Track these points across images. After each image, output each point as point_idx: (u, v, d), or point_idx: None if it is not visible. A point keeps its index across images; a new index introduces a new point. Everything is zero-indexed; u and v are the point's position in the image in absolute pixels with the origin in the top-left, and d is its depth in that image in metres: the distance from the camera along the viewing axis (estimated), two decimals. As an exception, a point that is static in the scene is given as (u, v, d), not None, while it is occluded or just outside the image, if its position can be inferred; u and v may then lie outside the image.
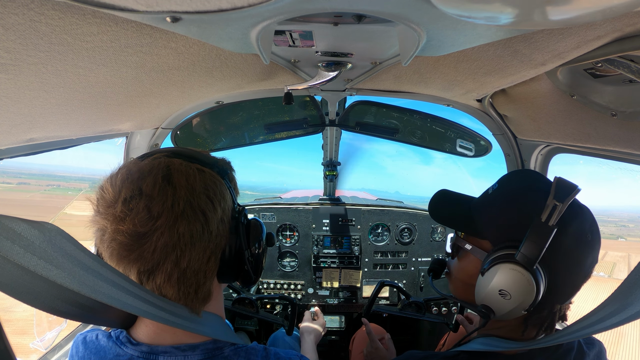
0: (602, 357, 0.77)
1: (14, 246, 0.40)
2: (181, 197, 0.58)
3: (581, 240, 0.68)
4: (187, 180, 0.59)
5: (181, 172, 0.60)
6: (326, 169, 2.17)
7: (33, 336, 5.40)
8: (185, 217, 0.58)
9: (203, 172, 0.63)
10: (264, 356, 0.67)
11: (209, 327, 0.63)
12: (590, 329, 0.57)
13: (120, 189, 0.56)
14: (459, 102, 1.50)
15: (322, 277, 2.14)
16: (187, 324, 0.58)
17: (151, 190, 0.56)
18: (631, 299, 0.52)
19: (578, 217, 0.69)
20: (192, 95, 1.28)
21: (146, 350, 0.61)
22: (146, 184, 0.57)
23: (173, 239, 0.57)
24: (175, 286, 0.60)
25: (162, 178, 0.57)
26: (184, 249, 0.58)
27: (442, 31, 0.63)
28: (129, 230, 0.55)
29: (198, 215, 0.59)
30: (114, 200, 0.56)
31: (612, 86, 0.90)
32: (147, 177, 0.57)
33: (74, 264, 0.44)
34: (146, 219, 0.55)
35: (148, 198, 0.56)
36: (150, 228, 0.56)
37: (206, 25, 0.58)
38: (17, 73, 0.62)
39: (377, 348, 1.49)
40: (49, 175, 26.55)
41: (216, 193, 0.63)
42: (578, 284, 0.70)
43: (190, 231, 0.58)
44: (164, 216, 0.56)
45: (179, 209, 0.57)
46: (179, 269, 0.59)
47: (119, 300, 0.47)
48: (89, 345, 0.65)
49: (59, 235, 0.45)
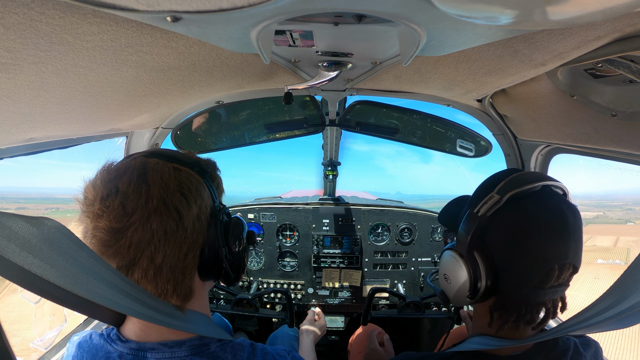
0: (599, 357, 0.77)
1: (9, 244, 0.41)
2: (155, 194, 0.59)
3: (519, 229, 0.70)
4: (162, 178, 0.61)
5: (156, 170, 0.62)
6: (326, 168, 2.17)
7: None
8: (159, 213, 0.59)
9: (179, 171, 0.65)
10: (250, 352, 0.68)
11: (195, 325, 0.64)
12: (585, 323, 0.57)
13: (99, 188, 0.59)
14: (459, 102, 1.50)
15: (322, 277, 2.14)
16: (174, 322, 0.59)
17: (126, 188, 0.59)
18: (627, 293, 0.52)
19: (518, 209, 0.71)
20: (192, 95, 1.28)
21: (135, 347, 0.63)
22: (122, 182, 0.59)
23: (147, 234, 0.59)
24: (152, 282, 0.61)
25: (137, 177, 0.60)
26: (158, 245, 0.60)
27: (442, 31, 0.63)
28: (105, 226, 0.58)
29: (172, 212, 0.61)
30: (93, 199, 0.59)
31: (612, 86, 0.90)
32: (123, 176, 0.60)
33: (70, 263, 0.45)
34: (121, 215, 0.58)
35: (123, 195, 0.58)
36: (125, 224, 0.58)
37: (206, 25, 0.58)
38: (18, 72, 0.62)
39: (376, 349, 1.50)
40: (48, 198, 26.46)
41: (191, 191, 0.64)
42: (524, 270, 0.70)
43: (164, 227, 0.60)
44: (138, 212, 0.58)
45: (152, 206, 0.59)
46: (154, 264, 0.60)
47: (110, 300, 0.47)
48: (82, 345, 0.66)
49: (58, 232, 0.45)
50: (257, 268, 2.17)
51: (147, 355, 0.62)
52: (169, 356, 0.62)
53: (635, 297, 0.51)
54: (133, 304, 0.51)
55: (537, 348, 0.74)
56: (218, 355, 0.65)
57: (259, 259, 2.17)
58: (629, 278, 0.55)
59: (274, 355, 0.70)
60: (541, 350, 0.74)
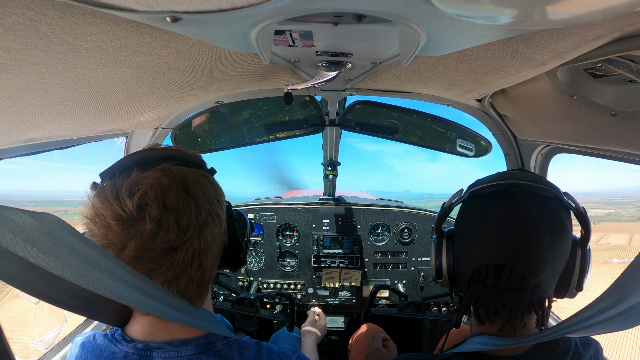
0: (599, 356, 0.77)
1: (14, 237, 0.41)
2: (202, 206, 0.62)
3: (465, 217, 0.80)
4: (203, 189, 0.64)
5: (195, 182, 0.63)
6: (326, 168, 2.17)
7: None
8: (208, 224, 0.63)
9: (207, 177, 0.67)
10: (256, 351, 0.68)
11: (205, 321, 0.64)
12: (585, 323, 0.57)
13: (142, 204, 0.56)
14: (459, 102, 1.50)
15: (322, 277, 2.14)
16: (186, 317, 0.58)
17: (176, 205, 0.58)
18: (627, 293, 0.52)
19: (472, 205, 0.79)
20: (192, 95, 1.28)
21: (140, 347, 0.62)
22: (170, 198, 0.58)
23: (200, 246, 0.62)
24: (195, 286, 0.64)
25: (182, 191, 0.60)
26: (207, 251, 0.64)
27: (442, 31, 0.63)
28: (160, 246, 0.57)
29: (215, 220, 0.66)
30: (137, 217, 0.56)
31: (612, 86, 0.90)
32: (169, 191, 0.58)
33: (73, 256, 0.45)
34: (177, 234, 0.58)
35: (175, 212, 0.58)
36: (181, 241, 0.59)
37: (206, 25, 0.58)
38: (17, 73, 0.63)
39: (379, 349, 1.50)
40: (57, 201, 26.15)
41: (221, 195, 0.70)
42: (465, 264, 0.78)
43: (212, 235, 0.64)
44: (192, 228, 0.60)
45: (202, 219, 0.62)
46: (201, 270, 0.64)
47: (116, 293, 0.47)
48: (86, 346, 0.66)
49: (59, 226, 0.45)
50: (257, 268, 2.17)
51: (153, 355, 0.62)
52: (176, 355, 0.62)
53: (636, 297, 0.51)
54: (140, 297, 0.50)
55: (537, 348, 0.74)
56: (224, 353, 0.64)
57: (259, 259, 2.17)
58: (629, 278, 0.55)
59: (280, 354, 0.70)
60: (541, 350, 0.73)
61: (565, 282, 0.76)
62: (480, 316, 0.75)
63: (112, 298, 0.46)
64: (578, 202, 0.74)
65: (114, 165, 0.62)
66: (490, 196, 0.75)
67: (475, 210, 0.77)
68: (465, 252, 0.78)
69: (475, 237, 0.75)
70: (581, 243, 0.76)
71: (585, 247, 0.76)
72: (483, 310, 0.74)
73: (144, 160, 0.61)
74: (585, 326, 0.56)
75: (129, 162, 0.60)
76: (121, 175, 0.58)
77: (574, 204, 0.73)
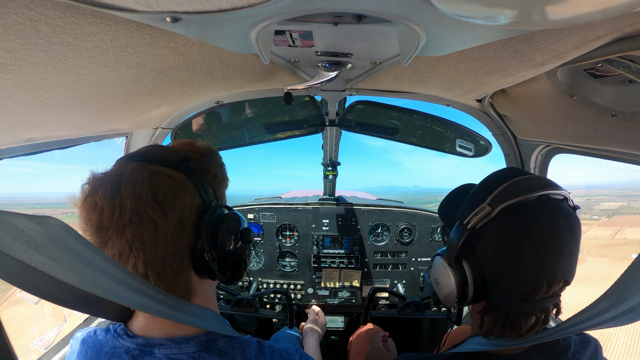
0: (598, 354, 0.77)
1: (15, 243, 0.41)
2: (127, 206, 0.58)
3: (504, 244, 0.69)
4: (135, 187, 0.59)
5: (129, 180, 0.59)
6: (326, 169, 2.17)
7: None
8: (133, 225, 0.58)
9: (157, 175, 0.61)
10: (257, 349, 0.67)
11: (203, 320, 0.64)
12: (585, 324, 0.57)
13: (83, 201, 0.60)
14: (458, 102, 1.50)
15: (322, 277, 2.14)
16: (184, 316, 0.59)
17: (102, 202, 0.58)
18: (627, 294, 0.52)
19: (507, 223, 0.69)
20: (192, 95, 1.28)
21: (142, 343, 0.62)
22: (99, 196, 0.58)
23: (125, 246, 0.59)
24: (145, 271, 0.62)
25: (111, 189, 0.58)
26: (138, 255, 0.59)
27: (442, 31, 0.63)
28: (91, 239, 0.60)
29: (146, 223, 0.59)
30: (80, 213, 0.60)
31: (612, 86, 0.90)
32: (99, 189, 0.59)
33: (75, 259, 0.45)
34: (99, 229, 0.59)
35: (100, 209, 0.58)
36: (104, 238, 0.59)
37: (206, 25, 0.58)
38: (17, 73, 0.63)
39: (378, 348, 1.50)
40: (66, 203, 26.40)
41: (168, 196, 0.60)
42: (513, 287, 0.70)
43: (140, 238, 0.59)
44: (113, 226, 0.58)
45: (125, 218, 0.58)
46: (139, 273, 0.60)
47: (119, 295, 0.47)
48: (86, 341, 0.66)
49: (62, 230, 0.46)
50: (257, 268, 2.17)
51: (154, 351, 0.62)
52: (177, 352, 0.62)
53: (636, 299, 0.51)
54: (141, 298, 0.51)
55: (537, 346, 0.74)
56: (226, 351, 0.64)
57: (258, 259, 2.17)
58: (628, 279, 0.55)
59: (282, 352, 0.70)
60: (541, 348, 0.74)
61: None
62: (501, 327, 0.74)
63: (116, 301, 0.47)
64: None
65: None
66: (525, 211, 0.69)
67: (513, 230, 0.69)
68: (506, 273, 0.71)
69: (520, 258, 0.69)
70: None
71: None
72: (510, 321, 0.73)
73: (117, 161, 0.66)
74: (585, 327, 0.56)
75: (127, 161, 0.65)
76: None
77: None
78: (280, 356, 0.69)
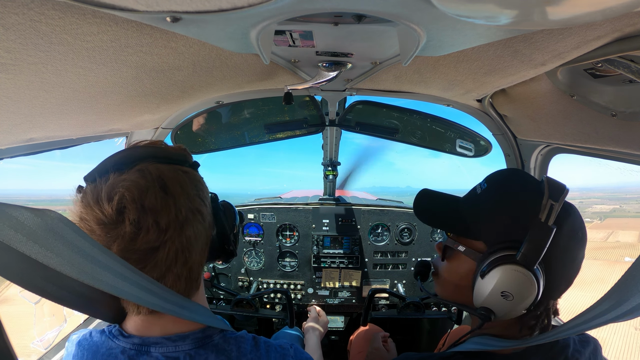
0: (598, 354, 0.77)
1: (17, 234, 0.42)
2: (182, 204, 0.61)
3: (575, 237, 0.70)
4: (182, 187, 0.63)
5: (174, 180, 0.62)
6: (326, 169, 2.17)
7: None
8: (189, 221, 0.63)
9: (187, 174, 0.66)
10: (253, 345, 0.68)
11: (200, 315, 0.64)
12: (586, 325, 0.57)
13: (120, 208, 0.56)
14: (459, 102, 1.50)
15: (322, 277, 2.14)
16: (182, 311, 0.59)
17: (154, 205, 0.58)
18: (627, 295, 0.52)
19: (570, 216, 0.70)
20: (192, 95, 1.28)
21: (138, 342, 0.62)
22: (148, 200, 0.57)
23: (182, 244, 0.62)
24: (183, 283, 0.64)
25: (160, 190, 0.59)
26: (191, 249, 0.64)
27: (442, 31, 0.63)
28: (141, 247, 0.58)
29: (197, 216, 0.65)
30: (116, 220, 0.56)
31: (612, 86, 0.90)
32: (147, 192, 0.58)
33: (74, 252, 0.45)
34: (157, 235, 0.58)
35: (154, 213, 0.58)
36: (162, 241, 0.59)
37: (206, 25, 0.58)
38: (17, 73, 0.63)
39: (379, 348, 1.50)
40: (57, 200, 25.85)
41: (203, 190, 0.69)
42: (572, 279, 0.72)
43: (194, 232, 0.64)
44: (172, 227, 0.60)
45: (182, 217, 0.61)
46: (187, 267, 0.64)
47: (117, 288, 0.47)
48: (82, 343, 0.66)
49: (60, 222, 0.46)
50: (257, 268, 2.17)
51: (150, 350, 0.62)
52: (173, 350, 0.62)
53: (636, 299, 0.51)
54: (140, 292, 0.51)
55: (536, 345, 0.74)
56: (222, 347, 0.65)
57: (258, 259, 2.17)
58: (629, 280, 0.55)
59: (276, 347, 0.71)
60: (540, 347, 0.74)
61: None
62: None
63: (113, 293, 0.47)
64: None
65: (94, 168, 0.61)
66: (567, 216, 0.69)
67: (574, 224, 0.69)
68: (567, 270, 0.70)
69: (579, 251, 0.70)
70: None
71: None
72: (534, 322, 0.74)
73: (121, 162, 0.61)
74: (587, 328, 0.56)
75: (107, 165, 0.60)
76: (101, 179, 0.58)
77: None
78: (275, 351, 0.69)
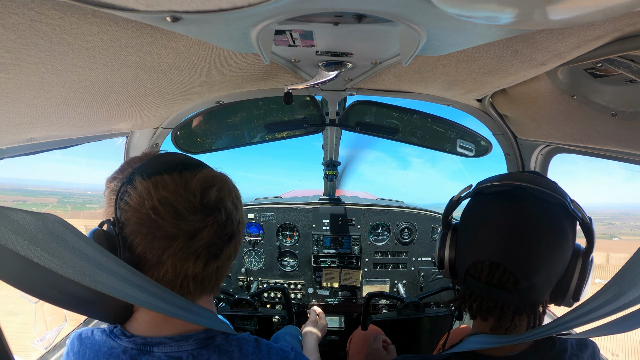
0: (596, 358, 0.77)
1: (18, 238, 0.42)
2: (240, 214, 0.71)
3: (466, 219, 0.82)
4: (230, 195, 0.69)
5: (239, 193, 0.73)
6: (326, 168, 2.17)
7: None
8: (238, 231, 0.70)
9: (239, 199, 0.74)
10: (255, 346, 0.68)
11: (204, 318, 0.64)
12: (582, 319, 0.56)
13: (220, 197, 0.65)
14: (459, 102, 1.50)
15: (322, 277, 2.14)
16: (186, 314, 0.59)
17: (236, 202, 0.69)
18: (625, 289, 0.52)
19: (476, 201, 0.82)
20: (192, 95, 1.28)
21: (140, 342, 0.62)
22: (235, 196, 0.70)
23: (233, 250, 0.70)
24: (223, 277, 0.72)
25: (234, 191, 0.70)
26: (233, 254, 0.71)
27: (442, 31, 0.63)
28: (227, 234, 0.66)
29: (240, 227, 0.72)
30: (214, 208, 0.64)
31: (612, 86, 0.90)
32: (232, 191, 0.69)
33: (75, 255, 0.45)
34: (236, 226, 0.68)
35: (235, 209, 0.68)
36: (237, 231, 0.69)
37: (206, 25, 0.58)
38: (17, 72, 0.63)
39: (378, 349, 1.50)
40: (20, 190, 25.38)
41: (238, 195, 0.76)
42: (463, 258, 0.81)
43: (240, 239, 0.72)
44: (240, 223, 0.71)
45: (242, 221, 0.71)
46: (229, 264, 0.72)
47: (119, 291, 0.47)
48: (84, 341, 0.66)
49: (61, 226, 0.46)
50: (257, 268, 2.17)
51: (153, 350, 0.62)
52: (176, 349, 0.62)
53: (634, 293, 0.51)
54: (142, 295, 0.51)
55: (533, 349, 0.74)
56: (224, 348, 0.65)
57: (259, 259, 2.17)
58: (627, 273, 0.54)
59: (278, 350, 0.71)
60: (538, 351, 0.73)
61: (562, 290, 0.74)
62: (474, 311, 0.77)
63: (115, 296, 0.47)
64: (585, 212, 0.71)
65: (156, 164, 0.64)
66: (495, 195, 0.76)
67: (479, 207, 0.80)
68: (465, 245, 0.80)
69: (475, 233, 0.77)
70: (584, 253, 0.73)
71: (588, 258, 0.73)
72: (476, 305, 0.76)
73: (186, 162, 0.68)
74: (582, 322, 0.56)
75: (175, 160, 0.65)
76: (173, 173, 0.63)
77: (580, 213, 0.71)
78: (277, 354, 0.70)
